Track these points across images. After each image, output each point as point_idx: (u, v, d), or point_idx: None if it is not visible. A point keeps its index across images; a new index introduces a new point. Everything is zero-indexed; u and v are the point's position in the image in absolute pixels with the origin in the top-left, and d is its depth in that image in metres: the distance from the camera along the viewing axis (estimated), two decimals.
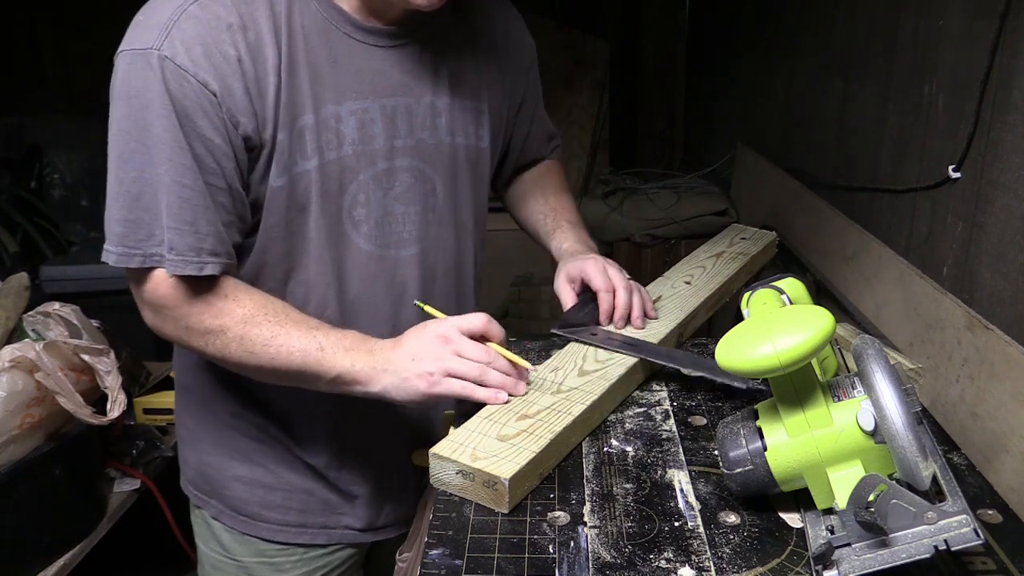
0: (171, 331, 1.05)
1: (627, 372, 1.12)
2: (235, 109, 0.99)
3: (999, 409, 1.13)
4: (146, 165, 0.98)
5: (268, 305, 1.04)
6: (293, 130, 1.04)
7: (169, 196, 0.98)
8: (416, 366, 0.99)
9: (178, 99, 0.96)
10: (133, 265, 1.01)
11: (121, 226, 1.00)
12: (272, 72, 1.01)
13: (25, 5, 3.51)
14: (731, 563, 0.81)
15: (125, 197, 0.99)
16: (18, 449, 1.53)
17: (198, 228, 1.00)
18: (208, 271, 1.01)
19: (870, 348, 0.80)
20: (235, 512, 1.24)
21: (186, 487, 1.30)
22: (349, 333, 1.04)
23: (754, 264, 1.54)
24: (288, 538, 1.24)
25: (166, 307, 1.03)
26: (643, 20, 3.96)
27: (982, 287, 1.28)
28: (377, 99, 1.09)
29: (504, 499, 0.88)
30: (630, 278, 1.25)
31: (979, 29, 1.30)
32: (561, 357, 1.16)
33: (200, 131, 0.98)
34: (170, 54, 0.95)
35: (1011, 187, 1.21)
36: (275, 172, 1.04)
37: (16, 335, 1.63)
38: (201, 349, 1.04)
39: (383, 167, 1.11)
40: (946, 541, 0.72)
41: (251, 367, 1.04)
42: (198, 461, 1.26)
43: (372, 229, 1.12)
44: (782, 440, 0.84)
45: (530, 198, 1.41)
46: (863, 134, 1.80)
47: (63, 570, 1.64)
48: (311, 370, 1.01)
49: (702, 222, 2.80)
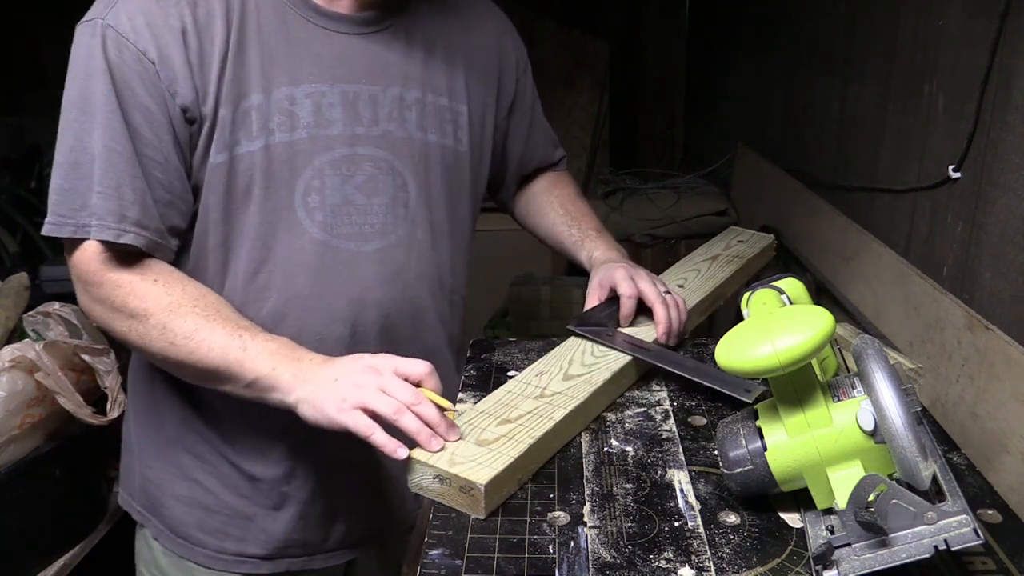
0: (98, 313, 1.02)
1: (613, 376, 1.09)
2: (173, 78, 0.99)
3: (999, 409, 1.14)
4: (83, 133, 0.98)
5: (200, 298, 1.00)
6: (238, 108, 1.02)
7: (100, 160, 0.97)
8: (334, 388, 0.93)
9: (116, 66, 0.97)
10: (65, 234, 0.99)
11: (57, 195, 0.99)
12: (219, 47, 1.00)
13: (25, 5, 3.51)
14: (731, 563, 0.81)
15: (64, 166, 0.99)
16: (18, 449, 1.53)
17: (122, 195, 0.98)
18: (127, 240, 0.98)
19: (870, 348, 0.80)
20: (173, 534, 1.18)
21: (127, 503, 1.24)
22: (278, 338, 0.99)
23: (751, 267, 1.52)
24: (224, 567, 1.17)
25: (92, 282, 1.01)
26: (643, 20, 3.96)
27: (982, 287, 1.28)
28: (336, 84, 1.07)
29: (480, 504, 0.87)
30: (668, 291, 1.21)
31: (979, 29, 1.30)
32: (547, 361, 1.14)
33: (138, 99, 0.98)
34: (113, 23, 0.97)
35: (1011, 187, 1.21)
36: (215, 149, 1.02)
37: (16, 335, 1.63)
38: (124, 335, 1.01)
39: (342, 153, 1.08)
40: (946, 541, 0.72)
41: (172, 361, 0.99)
42: (141, 475, 1.20)
43: (327, 217, 1.07)
44: (782, 440, 0.84)
45: (548, 210, 1.38)
46: (863, 134, 1.80)
47: (63, 570, 1.64)
48: (230, 370, 0.97)
49: (702, 222, 2.80)
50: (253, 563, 1.17)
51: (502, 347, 1.28)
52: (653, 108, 3.99)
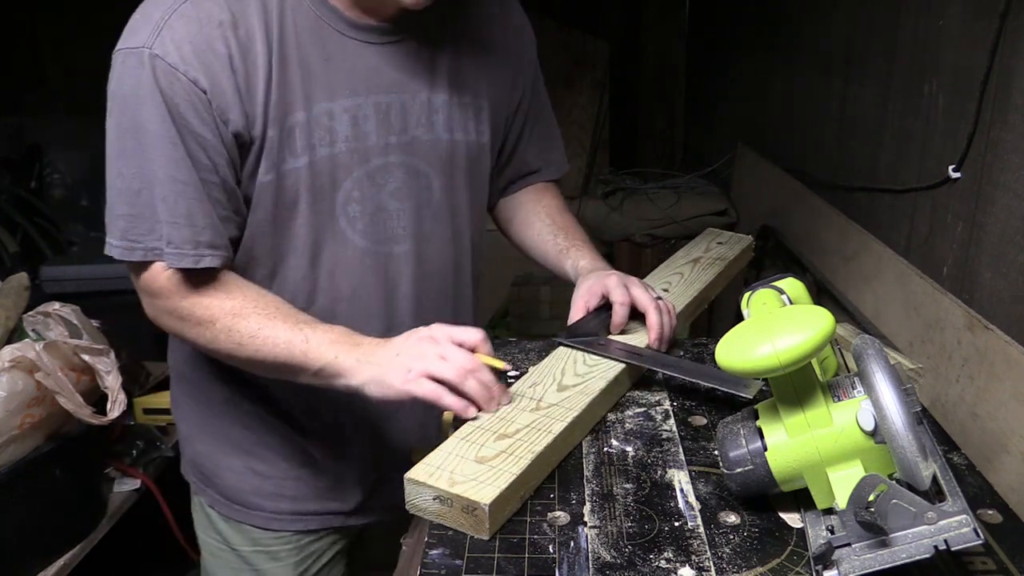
0: (167, 322, 1.08)
1: (608, 385, 1.08)
2: (224, 107, 1.01)
3: (999, 409, 1.14)
4: (143, 162, 1.01)
5: (259, 299, 1.06)
6: (283, 127, 1.05)
7: (164, 191, 1.01)
8: (397, 362, 0.99)
9: (169, 96, 0.98)
10: (135, 259, 1.04)
11: (124, 221, 1.03)
12: (263, 69, 1.02)
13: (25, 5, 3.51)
14: (731, 563, 0.81)
15: (127, 193, 1.02)
16: (18, 449, 1.53)
17: (194, 221, 1.02)
18: (205, 263, 1.03)
19: (870, 348, 0.80)
20: (229, 501, 1.26)
21: (187, 474, 1.33)
22: (336, 328, 1.05)
23: (731, 269, 1.51)
24: (282, 526, 1.25)
25: (161, 297, 1.06)
26: (643, 20, 3.96)
27: (982, 287, 1.28)
28: (371, 96, 1.10)
29: (485, 525, 0.84)
30: (659, 297, 1.22)
31: (979, 29, 1.30)
32: (539, 372, 1.12)
33: (191, 127, 1.00)
34: (161, 52, 0.98)
35: (1011, 187, 1.21)
36: (263, 168, 1.06)
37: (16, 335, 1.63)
38: (194, 340, 1.07)
39: (377, 164, 1.12)
40: (946, 541, 0.72)
41: (239, 359, 1.06)
42: (193, 450, 1.28)
43: (367, 225, 1.14)
44: (782, 440, 0.84)
45: (535, 219, 1.38)
46: (863, 134, 1.80)
47: (63, 570, 1.64)
48: (296, 362, 1.02)
49: (702, 222, 2.80)
50: (307, 519, 1.26)
51: (502, 347, 1.28)
52: (653, 108, 4.00)
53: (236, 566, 1.29)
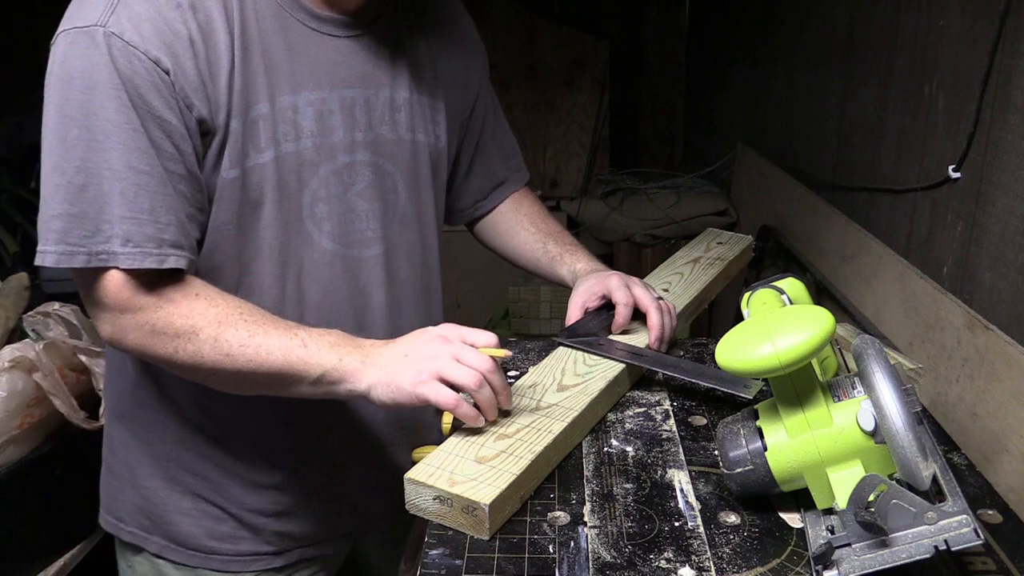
0: (133, 340, 0.95)
1: (608, 385, 1.08)
2: (188, 89, 0.93)
3: (999, 409, 1.13)
4: (92, 153, 0.90)
5: (243, 306, 0.96)
6: (247, 119, 0.98)
7: (123, 184, 0.90)
8: (407, 363, 0.92)
9: (128, 78, 0.89)
10: (77, 264, 0.92)
11: (62, 221, 0.91)
12: (225, 56, 0.95)
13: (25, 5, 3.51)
14: (731, 563, 0.81)
15: (66, 188, 0.90)
16: (18, 449, 1.53)
17: (158, 217, 0.92)
18: (170, 264, 0.93)
19: (870, 348, 0.80)
20: (183, 547, 1.14)
21: (115, 527, 1.18)
22: (333, 331, 0.97)
23: (731, 269, 1.51)
24: (241, 567, 1.15)
25: (127, 310, 0.94)
26: (643, 20, 3.96)
27: (982, 287, 1.28)
28: (335, 90, 1.05)
29: (484, 525, 0.85)
30: (660, 297, 1.21)
31: (979, 29, 1.30)
32: (539, 372, 1.12)
33: (155, 111, 0.91)
34: (117, 30, 0.89)
35: (1011, 187, 1.21)
36: (227, 163, 0.98)
37: (16, 335, 1.63)
38: (170, 356, 0.95)
39: (344, 161, 1.06)
40: (946, 541, 0.72)
41: (228, 372, 0.95)
42: (136, 495, 1.14)
43: (335, 227, 1.07)
44: (782, 440, 0.84)
45: (518, 228, 1.34)
46: (863, 134, 1.80)
47: (63, 570, 1.64)
48: (294, 370, 0.93)
49: (702, 222, 2.80)
50: (268, 559, 1.16)
51: (502, 347, 1.28)
52: (653, 108, 3.99)
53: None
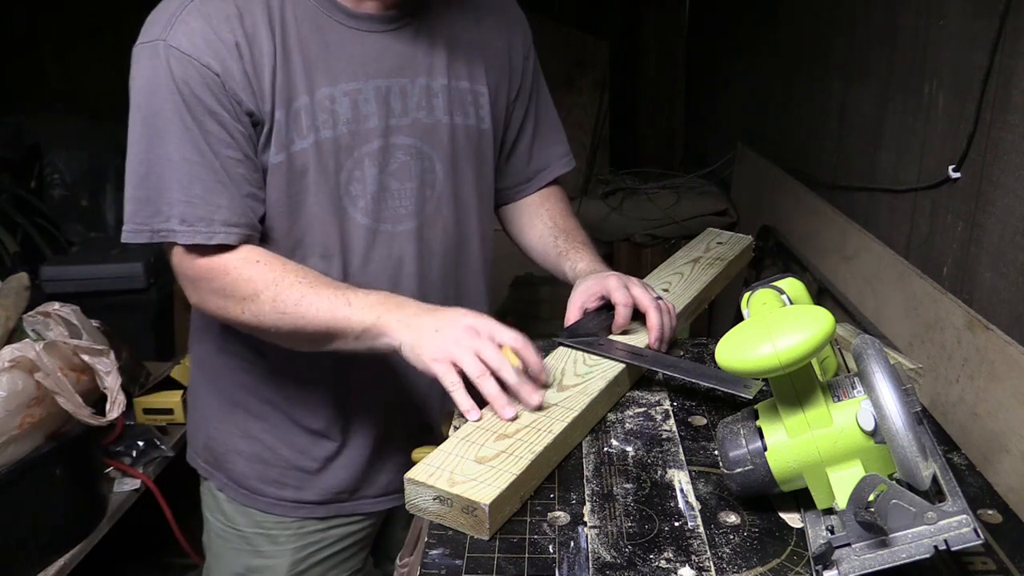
0: (212, 302, 1.12)
1: (608, 385, 1.08)
2: (236, 88, 1.08)
3: (999, 409, 1.14)
4: (152, 147, 1.07)
5: (299, 270, 1.10)
6: (290, 110, 1.11)
7: (178, 173, 1.07)
8: (434, 338, 1.02)
9: (183, 81, 1.05)
10: (141, 240, 1.09)
11: (132, 204, 1.09)
12: (268, 57, 1.09)
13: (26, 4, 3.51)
14: (731, 563, 0.81)
15: (135, 176, 1.09)
16: (18, 449, 1.53)
17: (208, 200, 1.08)
18: (218, 240, 1.08)
19: (870, 348, 0.80)
20: (237, 485, 1.31)
21: (194, 460, 1.38)
22: (378, 292, 1.09)
23: (731, 269, 1.50)
24: (284, 512, 1.31)
25: (200, 277, 1.11)
26: (643, 20, 3.96)
27: (982, 287, 1.28)
28: (370, 80, 1.16)
29: (484, 525, 0.85)
30: (659, 297, 1.23)
31: (979, 29, 1.30)
32: None
33: (207, 106, 1.07)
34: (175, 43, 1.06)
35: (1011, 187, 1.21)
36: (274, 149, 1.12)
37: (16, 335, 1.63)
38: (238, 317, 1.10)
39: (378, 145, 1.17)
40: (946, 541, 0.72)
41: (285, 330, 1.09)
42: (206, 435, 1.33)
43: (368, 203, 1.18)
44: (782, 440, 0.84)
45: (537, 221, 1.41)
46: (863, 134, 1.80)
47: (63, 570, 1.64)
48: (339, 326, 1.06)
49: (702, 222, 2.80)
50: (309, 508, 1.31)
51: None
52: (653, 108, 3.99)
53: (237, 545, 1.34)
